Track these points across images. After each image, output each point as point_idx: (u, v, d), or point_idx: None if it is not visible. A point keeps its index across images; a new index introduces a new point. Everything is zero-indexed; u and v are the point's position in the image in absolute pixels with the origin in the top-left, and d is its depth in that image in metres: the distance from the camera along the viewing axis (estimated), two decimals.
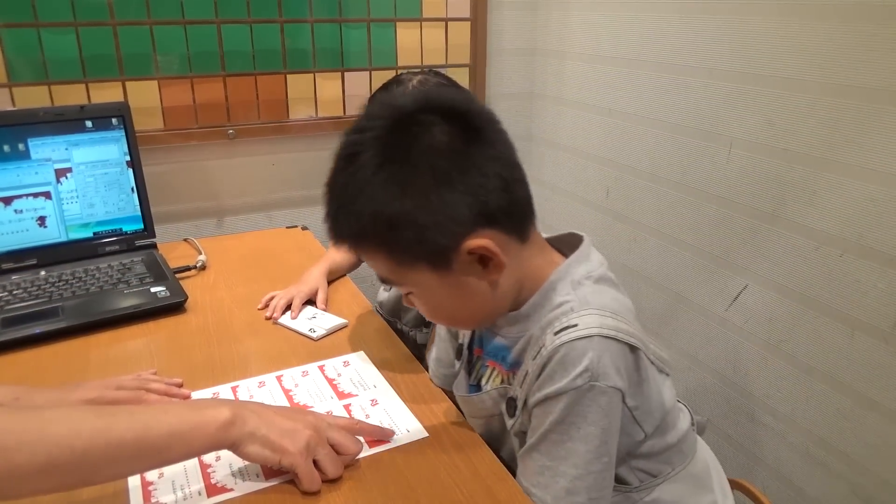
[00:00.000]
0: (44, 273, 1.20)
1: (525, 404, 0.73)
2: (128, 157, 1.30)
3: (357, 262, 1.31)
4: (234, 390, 0.92)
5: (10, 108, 1.34)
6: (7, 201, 1.20)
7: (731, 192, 1.26)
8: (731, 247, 1.28)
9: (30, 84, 1.36)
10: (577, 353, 0.66)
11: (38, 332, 1.02)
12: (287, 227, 1.58)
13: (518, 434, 0.76)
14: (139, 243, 1.32)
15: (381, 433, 0.81)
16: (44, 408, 0.72)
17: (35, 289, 1.14)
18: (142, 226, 1.33)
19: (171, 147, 1.52)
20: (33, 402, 0.82)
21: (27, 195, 1.22)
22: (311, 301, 1.16)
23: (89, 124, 1.26)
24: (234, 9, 1.47)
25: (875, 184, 1.01)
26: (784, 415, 1.22)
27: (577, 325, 0.67)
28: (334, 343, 1.05)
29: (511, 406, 0.75)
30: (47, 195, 1.24)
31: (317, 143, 1.66)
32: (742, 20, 1.19)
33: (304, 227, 1.56)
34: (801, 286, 1.16)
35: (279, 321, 1.10)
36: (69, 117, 1.24)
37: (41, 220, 1.24)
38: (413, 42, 1.68)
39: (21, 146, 1.20)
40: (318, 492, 0.72)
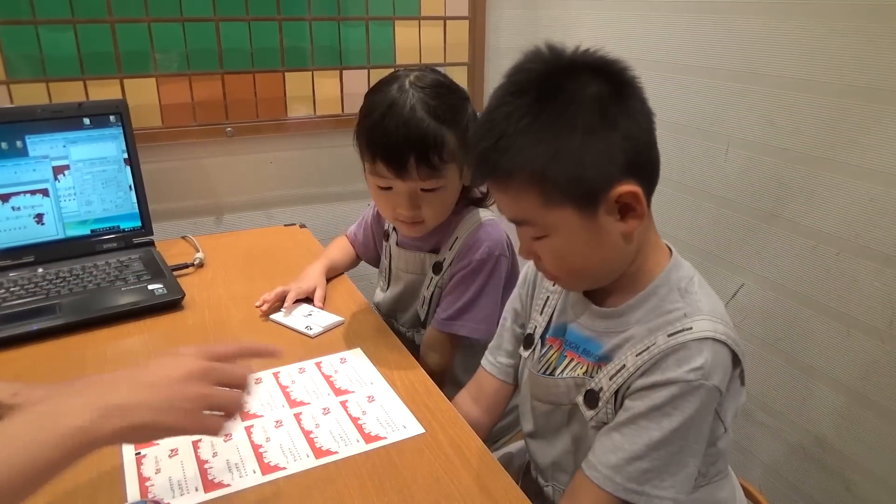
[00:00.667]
0: (41, 270, 1.20)
1: (616, 395, 0.74)
2: (126, 155, 1.30)
3: (355, 260, 1.31)
4: None
5: (8, 105, 1.34)
6: (5, 198, 1.20)
7: (729, 192, 1.26)
8: (729, 246, 1.28)
9: (28, 81, 1.36)
10: (692, 352, 0.69)
11: (35, 329, 1.02)
12: (285, 225, 1.58)
13: (598, 426, 0.76)
14: (137, 241, 1.32)
15: (266, 350, 0.73)
16: None
17: (32, 286, 1.14)
18: (139, 223, 1.33)
19: (169, 145, 1.52)
20: (31, 399, 0.82)
21: (25, 192, 1.22)
22: (308, 299, 1.16)
23: (87, 122, 1.26)
24: (232, 6, 1.47)
25: (873, 183, 1.01)
26: (780, 413, 1.22)
27: (691, 329, 0.70)
28: (331, 340, 1.05)
29: (592, 398, 0.76)
30: (45, 192, 1.24)
31: (315, 142, 1.67)
32: (742, 20, 1.19)
33: (303, 226, 1.56)
34: (797, 285, 1.16)
35: (276, 319, 1.10)
36: (67, 114, 1.24)
37: (39, 218, 1.24)
38: (412, 40, 1.68)
39: (19, 143, 1.20)
40: (227, 435, 0.71)
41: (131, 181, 1.31)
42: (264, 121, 1.59)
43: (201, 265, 1.30)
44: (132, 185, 1.31)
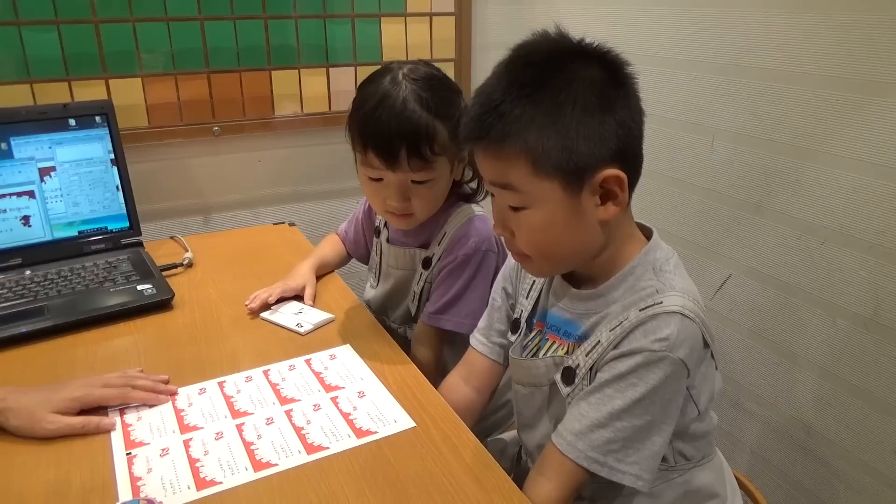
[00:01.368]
0: (29, 272, 1.19)
1: (591, 371, 0.75)
2: (112, 156, 1.29)
3: (346, 257, 1.31)
4: (221, 385, 0.92)
5: None
6: None
7: (715, 183, 1.27)
8: (716, 237, 1.29)
9: (12, 82, 1.35)
10: (660, 324, 0.71)
11: (23, 331, 1.02)
12: (274, 224, 1.57)
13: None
14: (125, 241, 1.32)
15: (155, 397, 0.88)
16: None
17: (20, 288, 1.13)
18: (127, 224, 1.33)
19: (155, 145, 1.51)
20: (19, 402, 0.82)
21: (10, 194, 1.21)
22: (298, 296, 1.16)
23: (73, 122, 1.25)
24: (217, 5, 1.47)
25: (857, 173, 1.03)
26: (767, 401, 1.24)
27: (661, 303, 0.72)
28: (321, 337, 1.05)
29: (569, 375, 0.78)
30: (31, 194, 1.23)
31: (303, 140, 1.66)
32: (727, 12, 1.20)
33: (292, 224, 1.56)
34: (783, 275, 1.17)
35: (266, 316, 1.10)
36: (52, 116, 1.24)
37: (25, 220, 1.23)
38: (398, 37, 1.68)
39: (3, 145, 1.19)
40: (104, 428, 0.82)
41: (118, 182, 1.31)
42: (251, 119, 1.58)
43: (190, 265, 1.30)
44: (119, 186, 1.31)
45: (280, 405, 0.88)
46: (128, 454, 0.78)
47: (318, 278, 1.23)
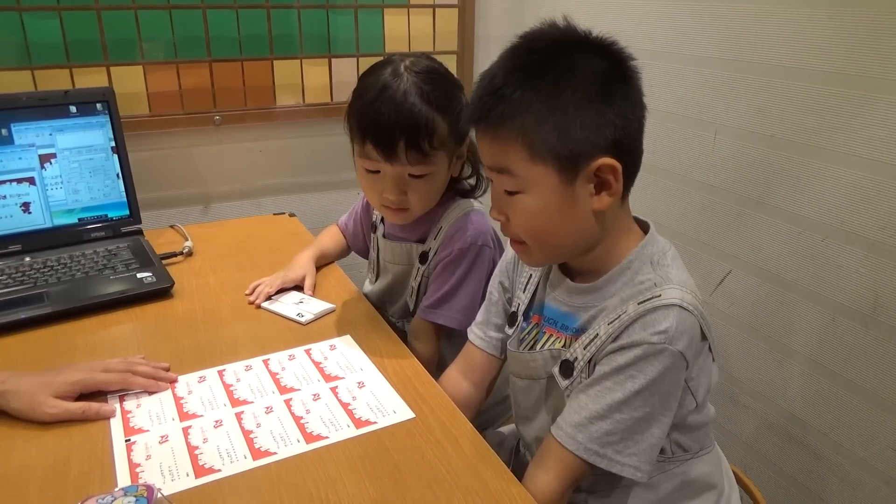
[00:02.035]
0: (28, 259, 1.19)
1: (589, 364, 0.75)
2: (113, 143, 1.29)
3: (346, 249, 1.31)
4: (220, 374, 0.92)
5: None
6: None
7: (716, 179, 1.27)
8: (716, 232, 1.29)
9: (12, 69, 1.35)
10: (659, 317, 0.71)
11: (23, 317, 1.02)
12: (274, 214, 1.57)
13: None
14: (125, 229, 1.32)
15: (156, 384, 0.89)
16: None
17: (20, 275, 1.13)
18: (127, 212, 1.33)
19: (156, 133, 1.51)
20: (19, 385, 0.82)
21: (11, 181, 1.21)
22: (298, 287, 1.16)
23: (74, 109, 1.25)
24: None
25: (858, 170, 1.02)
26: (765, 396, 1.24)
27: (660, 296, 0.72)
28: (321, 328, 1.05)
29: (567, 368, 0.78)
30: (31, 181, 1.23)
31: (304, 130, 1.66)
32: (729, 8, 1.19)
33: (292, 214, 1.56)
34: (783, 271, 1.17)
35: (266, 306, 1.10)
36: (53, 102, 1.23)
37: (25, 206, 1.23)
38: (401, 28, 1.67)
39: (4, 131, 1.19)
40: (104, 414, 0.83)
41: (119, 169, 1.30)
42: (252, 109, 1.58)
43: (190, 254, 1.30)
44: (120, 174, 1.31)
45: (279, 394, 0.88)
46: (127, 441, 0.78)
47: (318, 269, 1.23)
